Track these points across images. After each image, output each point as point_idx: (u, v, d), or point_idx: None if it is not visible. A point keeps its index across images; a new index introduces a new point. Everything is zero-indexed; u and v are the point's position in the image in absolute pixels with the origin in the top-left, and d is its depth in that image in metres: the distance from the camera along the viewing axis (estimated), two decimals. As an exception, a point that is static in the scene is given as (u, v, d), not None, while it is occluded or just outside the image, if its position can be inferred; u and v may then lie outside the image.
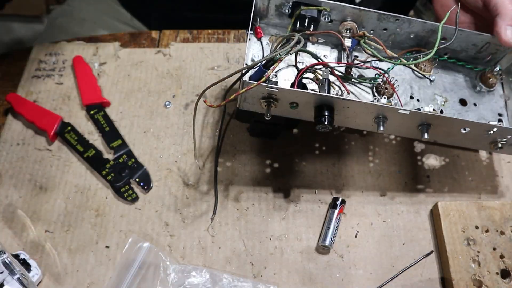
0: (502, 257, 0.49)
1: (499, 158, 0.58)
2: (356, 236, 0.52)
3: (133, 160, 0.56)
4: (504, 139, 0.47)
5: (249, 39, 0.48)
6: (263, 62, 0.42)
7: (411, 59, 0.49)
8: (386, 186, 0.56)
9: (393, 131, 0.48)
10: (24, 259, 0.48)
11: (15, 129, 0.59)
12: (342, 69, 0.49)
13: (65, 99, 0.61)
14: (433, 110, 0.47)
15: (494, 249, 0.50)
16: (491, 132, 0.46)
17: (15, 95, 0.60)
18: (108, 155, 0.57)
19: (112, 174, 0.55)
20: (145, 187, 0.55)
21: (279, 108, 0.44)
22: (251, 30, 0.48)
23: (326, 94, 0.43)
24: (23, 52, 0.65)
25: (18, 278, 0.45)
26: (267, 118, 0.43)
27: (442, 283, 0.50)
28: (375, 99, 0.48)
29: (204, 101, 0.43)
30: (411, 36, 0.51)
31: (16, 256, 0.48)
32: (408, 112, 0.43)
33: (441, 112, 0.50)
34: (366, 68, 0.50)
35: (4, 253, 0.45)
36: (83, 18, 0.79)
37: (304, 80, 0.47)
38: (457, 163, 0.57)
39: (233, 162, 0.57)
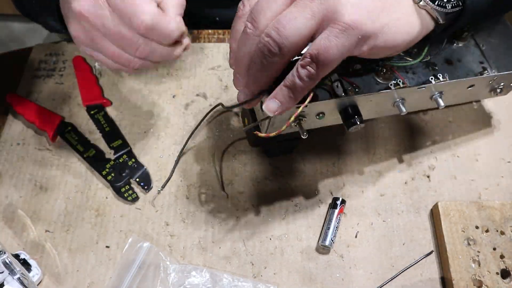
0: (502, 257, 0.49)
1: (499, 158, 0.58)
2: (356, 236, 0.52)
3: (133, 160, 0.56)
4: (502, 84, 0.52)
5: None
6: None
7: (414, 56, 0.50)
8: (386, 186, 0.56)
9: (410, 108, 0.49)
10: (24, 259, 0.48)
11: (15, 129, 0.59)
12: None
13: (65, 99, 0.61)
14: (443, 78, 0.48)
15: (494, 249, 0.50)
16: (492, 81, 0.50)
17: (15, 95, 0.60)
18: (109, 155, 0.57)
19: (112, 174, 0.55)
20: (145, 187, 0.55)
21: (307, 122, 0.44)
22: None
23: (351, 95, 0.44)
24: (23, 52, 0.66)
25: (19, 278, 0.45)
26: (304, 137, 0.43)
27: (442, 283, 0.50)
28: (382, 84, 0.49)
29: (256, 133, 0.43)
30: None
31: (17, 256, 0.48)
32: (425, 88, 0.46)
33: (436, 77, 0.51)
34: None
35: (4, 253, 0.45)
36: None
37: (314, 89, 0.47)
38: (457, 163, 0.58)
39: (233, 162, 0.57)
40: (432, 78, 0.49)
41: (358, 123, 0.44)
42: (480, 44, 0.55)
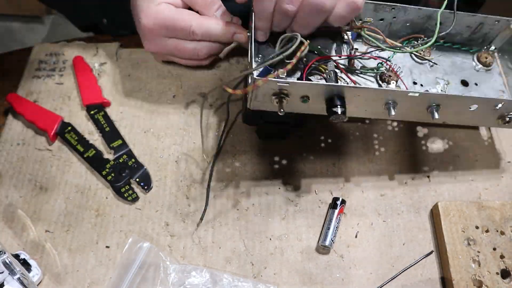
0: (502, 257, 0.49)
1: (499, 158, 0.58)
2: (356, 236, 0.52)
3: (133, 160, 0.56)
4: (511, 114, 0.48)
5: (251, 39, 0.48)
6: (269, 63, 0.43)
7: (411, 47, 0.51)
8: (386, 186, 0.56)
9: (403, 116, 0.48)
10: (24, 259, 0.48)
11: (15, 129, 0.59)
12: (344, 62, 0.50)
13: (65, 99, 0.61)
14: (441, 90, 0.48)
15: (494, 249, 0.50)
16: (499, 107, 0.47)
17: (15, 95, 0.60)
18: (108, 155, 0.57)
19: (112, 174, 0.55)
20: (145, 187, 0.55)
21: (290, 104, 0.44)
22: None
23: (337, 84, 0.44)
24: (23, 52, 0.66)
25: (19, 278, 0.45)
26: (280, 114, 0.43)
27: (442, 283, 0.50)
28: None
29: (224, 88, 0.43)
30: (407, 24, 0.52)
31: (17, 256, 0.48)
32: (417, 94, 0.44)
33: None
34: (368, 59, 0.50)
35: (4, 253, 0.45)
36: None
37: (309, 76, 0.47)
38: (457, 163, 0.58)
39: (233, 162, 0.57)
40: (429, 89, 0.49)
41: (339, 112, 0.43)
42: (505, 74, 0.53)
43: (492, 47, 0.55)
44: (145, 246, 0.50)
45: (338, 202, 0.53)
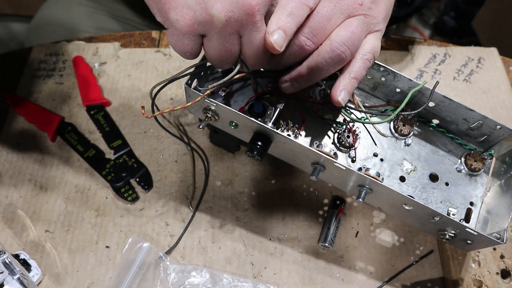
0: (502, 257, 0.49)
1: (499, 158, 0.58)
2: (356, 236, 0.53)
3: (133, 160, 0.56)
4: (452, 232, 0.42)
5: None
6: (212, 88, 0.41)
7: (377, 114, 0.45)
8: (386, 186, 0.56)
9: (332, 181, 0.44)
10: (24, 259, 0.48)
11: (15, 129, 0.59)
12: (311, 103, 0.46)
13: (65, 99, 0.61)
14: (377, 174, 0.41)
15: (494, 249, 0.50)
16: (435, 219, 0.41)
17: (15, 95, 0.60)
18: (109, 155, 0.57)
19: (112, 174, 0.55)
20: (146, 187, 0.55)
21: (220, 123, 0.43)
22: None
23: (260, 123, 0.40)
24: (23, 52, 0.66)
25: (18, 278, 0.45)
26: (199, 129, 0.41)
27: (442, 283, 0.50)
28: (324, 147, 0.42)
29: (142, 109, 0.43)
30: (397, 91, 0.46)
31: (16, 256, 0.48)
32: (344, 168, 0.40)
33: (402, 180, 0.45)
34: (331, 110, 0.46)
35: (4, 253, 0.45)
36: (71, 17, 0.79)
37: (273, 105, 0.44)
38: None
39: (233, 162, 0.57)
40: (365, 168, 0.43)
41: (255, 152, 0.41)
42: (489, 187, 0.47)
43: (491, 152, 0.47)
44: (145, 246, 0.50)
45: (338, 202, 0.53)
